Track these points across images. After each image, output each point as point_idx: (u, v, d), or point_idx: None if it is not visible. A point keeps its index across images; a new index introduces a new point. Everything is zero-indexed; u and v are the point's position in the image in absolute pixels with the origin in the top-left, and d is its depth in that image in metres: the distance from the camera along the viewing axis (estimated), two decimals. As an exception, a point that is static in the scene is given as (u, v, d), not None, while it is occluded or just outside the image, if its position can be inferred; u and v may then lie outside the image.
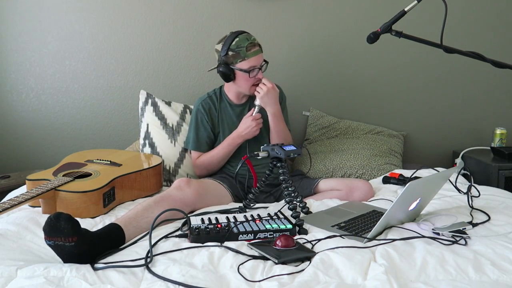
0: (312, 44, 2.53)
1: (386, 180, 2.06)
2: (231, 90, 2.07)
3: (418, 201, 1.43)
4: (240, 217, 1.50)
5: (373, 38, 1.53)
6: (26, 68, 2.43)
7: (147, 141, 2.20)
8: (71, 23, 2.41)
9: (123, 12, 2.42)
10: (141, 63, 2.47)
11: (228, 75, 1.96)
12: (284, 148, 1.58)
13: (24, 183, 1.81)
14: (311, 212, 1.66)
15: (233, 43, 1.92)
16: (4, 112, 2.46)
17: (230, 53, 1.92)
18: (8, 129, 2.47)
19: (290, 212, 1.52)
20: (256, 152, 1.60)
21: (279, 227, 1.41)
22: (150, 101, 2.26)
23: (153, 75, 2.49)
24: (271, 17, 2.48)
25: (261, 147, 1.63)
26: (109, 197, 1.70)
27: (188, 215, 1.49)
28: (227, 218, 1.48)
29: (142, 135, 2.24)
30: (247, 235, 1.37)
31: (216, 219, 1.47)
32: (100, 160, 1.98)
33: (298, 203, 1.63)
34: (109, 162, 1.95)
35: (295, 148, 1.59)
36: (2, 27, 2.38)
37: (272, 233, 1.39)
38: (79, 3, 2.40)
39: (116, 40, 2.44)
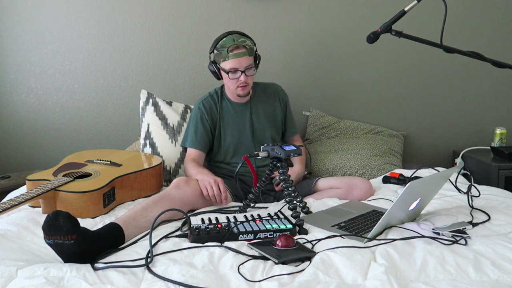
0: (312, 44, 2.53)
1: (386, 180, 2.06)
2: (228, 89, 2.06)
3: (418, 201, 1.43)
4: (240, 217, 1.50)
5: (373, 38, 1.54)
6: (26, 68, 2.43)
7: (147, 141, 2.20)
8: (71, 23, 2.41)
9: (123, 12, 2.42)
10: (141, 63, 2.47)
11: (215, 73, 1.99)
12: (284, 148, 1.58)
13: (24, 183, 1.81)
14: (311, 212, 1.66)
15: (220, 42, 1.93)
16: (4, 112, 2.46)
17: (215, 51, 1.95)
18: (8, 129, 2.47)
19: (290, 212, 1.52)
20: (256, 152, 1.61)
21: (279, 227, 1.41)
22: (151, 100, 2.26)
23: (153, 75, 2.49)
24: (271, 17, 2.48)
25: (261, 147, 1.63)
26: (109, 197, 1.70)
27: (188, 215, 1.49)
28: (227, 218, 1.48)
29: (142, 135, 2.23)
30: (247, 235, 1.37)
31: (216, 219, 1.47)
32: (100, 160, 1.98)
33: (298, 203, 1.63)
34: (109, 162, 1.95)
35: (295, 148, 1.59)
36: (2, 27, 2.38)
37: (272, 233, 1.39)
38: (79, 3, 2.40)
39: (116, 40, 2.44)
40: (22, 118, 2.47)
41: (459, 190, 1.82)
